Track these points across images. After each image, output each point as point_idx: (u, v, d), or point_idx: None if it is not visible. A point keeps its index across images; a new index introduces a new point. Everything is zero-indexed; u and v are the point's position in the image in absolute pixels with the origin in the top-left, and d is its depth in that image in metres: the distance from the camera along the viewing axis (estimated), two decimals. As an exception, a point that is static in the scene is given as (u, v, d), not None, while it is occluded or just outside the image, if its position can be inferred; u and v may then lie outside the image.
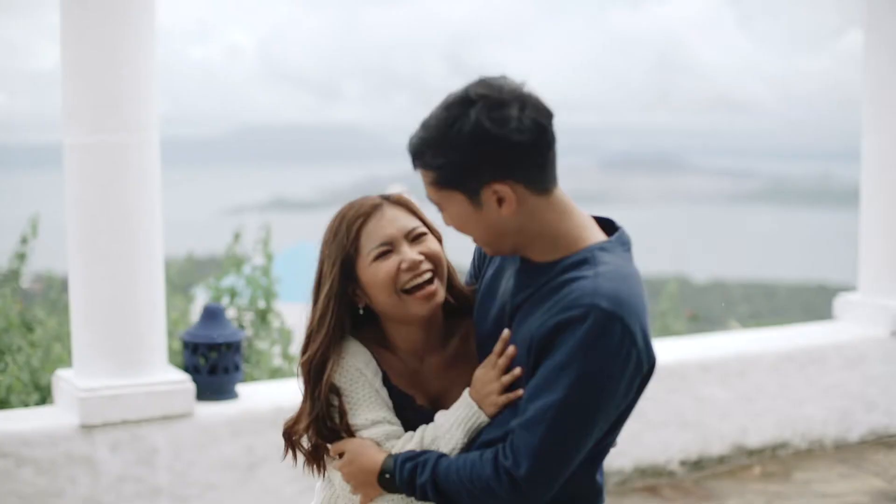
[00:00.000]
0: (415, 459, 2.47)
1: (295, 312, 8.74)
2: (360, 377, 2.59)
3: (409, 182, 2.71)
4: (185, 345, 5.58)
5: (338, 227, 2.59)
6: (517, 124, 2.31)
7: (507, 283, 2.54)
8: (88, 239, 5.18)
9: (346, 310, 2.60)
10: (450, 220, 2.45)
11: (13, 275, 8.83)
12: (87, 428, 5.14)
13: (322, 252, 2.61)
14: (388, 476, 2.50)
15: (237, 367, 5.58)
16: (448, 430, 2.50)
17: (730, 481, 6.60)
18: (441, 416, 2.54)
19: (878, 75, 7.19)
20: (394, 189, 2.84)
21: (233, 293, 7.89)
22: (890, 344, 7.22)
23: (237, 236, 8.22)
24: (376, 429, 2.57)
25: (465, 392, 2.53)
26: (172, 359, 6.79)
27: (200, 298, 8.16)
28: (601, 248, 2.41)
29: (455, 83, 2.39)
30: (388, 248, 2.55)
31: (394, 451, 2.53)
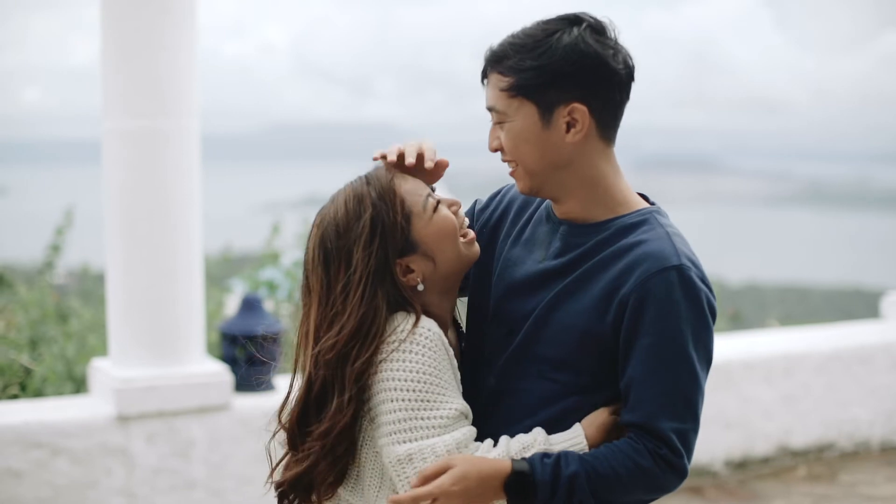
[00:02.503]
0: (550, 455, 2.22)
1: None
2: (445, 353, 2.27)
3: (444, 179, 2.55)
4: (224, 336, 5.51)
5: (362, 207, 2.29)
6: (615, 54, 2.30)
7: (540, 248, 2.41)
8: (126, 227, 5.10)
9: (390, 291, 2.28)
10: (507, 136, 2.32)
11: (48, 267, 8.82)
12: (122, 419, 5.07)
13: (337, 245, 2.30)
14: (515, 479, 2.20)
15: (275, 359, 5.49)
16: (543, 443, 2.26)
17: (774, 482, 6.47)
18: (538, 433, 2.29)
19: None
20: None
21: (271, 286, 7.83)
22: (939, 345, 7.07)
23: (276, 229, 8.17)
24: (463, 426, 2.25)
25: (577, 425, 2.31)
26: (208, 351, 6.72)
27: (238, 291, 8.09)
28: (657, 211, 2.38)
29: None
30: (437, 199, 2.37)
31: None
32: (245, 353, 5.43)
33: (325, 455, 2.26)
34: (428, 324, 2.26)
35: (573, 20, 2.30)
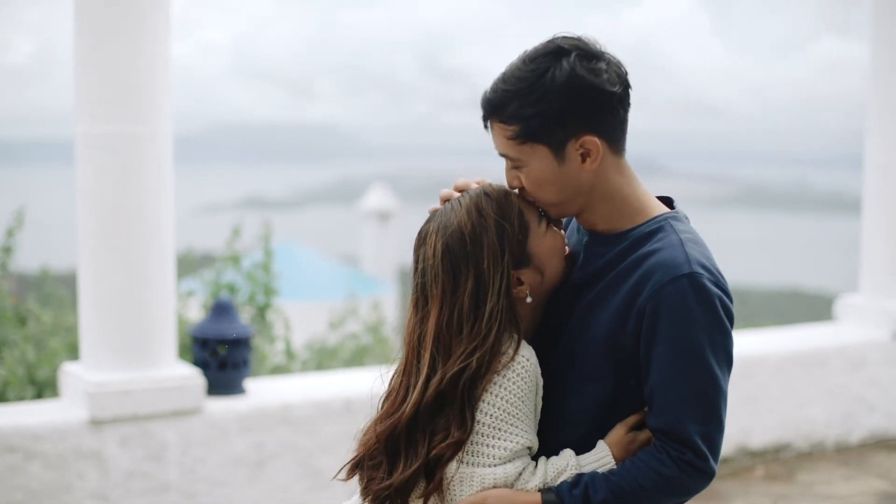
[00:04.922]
0: (578, 484, 2.31)
1: (289, 311, 8.69)
2: (535, 384, 2.34)
3: (386, 181, 2.56)
4: (195, 340, 5.52)
5: (486, 218, 2.33)
6: (608, 76, 2.31)
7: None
8: (99, 230, 5.11)
9: (506, 303, 2.32)
10: (526, 179, 2.37)
11: (1, 269, 8.71)
12: (95, 423, 5.08)
13: (464, 253, 2.32)
14: None
15: (246, 363, 5.53)
16: (575, 467, 2.34)
17: (733, 482, 6.58)
18: (570, 456, 2.37)
19: (884, 80, 7.18)
20: (375, 189, 2.61)
21: (231, 289, 7.82)
22: (891, 346, 7.23)
23: (236, 231, 8.14)
24: (521, 460, 2.32)
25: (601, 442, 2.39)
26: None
27: (199, 294, 8.06)
28: (673, 217, 2.41)
29: (429, 84, 2.25)
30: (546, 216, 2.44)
31: (525, 486, 2.31)
32: (217, 357, 5.46)
33: (433, 461, 2.30)
34: (527, 353, 2.33)
35: (557, 52, 2.30)
